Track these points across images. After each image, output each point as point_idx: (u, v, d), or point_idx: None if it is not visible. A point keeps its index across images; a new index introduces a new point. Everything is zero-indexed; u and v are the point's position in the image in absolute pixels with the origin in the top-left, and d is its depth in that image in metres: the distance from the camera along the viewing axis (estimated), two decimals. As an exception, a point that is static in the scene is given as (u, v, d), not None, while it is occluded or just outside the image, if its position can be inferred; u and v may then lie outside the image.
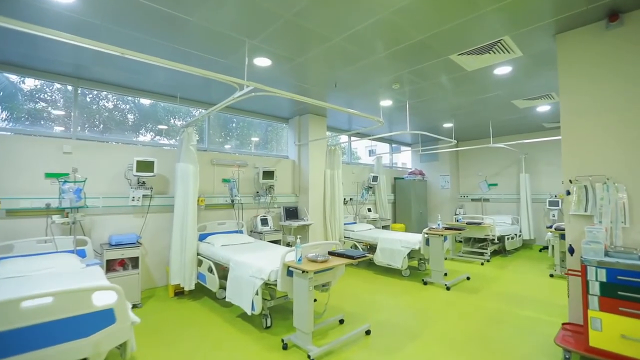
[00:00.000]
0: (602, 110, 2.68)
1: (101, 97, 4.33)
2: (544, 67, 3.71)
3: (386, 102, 5.04)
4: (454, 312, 3.53)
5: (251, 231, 5.15)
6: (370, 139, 7.61)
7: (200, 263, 4.02)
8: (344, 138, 7.40)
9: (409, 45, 3.16)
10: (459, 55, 3.38)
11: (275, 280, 2.85)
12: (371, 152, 10.16)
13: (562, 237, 5.00)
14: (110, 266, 3.65)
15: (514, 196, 7.69)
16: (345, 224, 6.15)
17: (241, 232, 4.86)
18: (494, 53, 3.34)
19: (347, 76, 3.96)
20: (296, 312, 2.70)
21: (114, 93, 4.29)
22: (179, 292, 4.12)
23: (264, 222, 5.11)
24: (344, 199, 6.57)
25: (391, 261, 4.92)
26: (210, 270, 3.78)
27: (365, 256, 2.97)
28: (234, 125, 5.71)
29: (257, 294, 2.95)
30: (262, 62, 3.50)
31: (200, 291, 4.22)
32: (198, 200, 4.50)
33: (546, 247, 7.04)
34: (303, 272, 2.59)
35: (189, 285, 3.91)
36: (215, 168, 4.90)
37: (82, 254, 3.50)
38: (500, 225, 6.84)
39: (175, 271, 3.92)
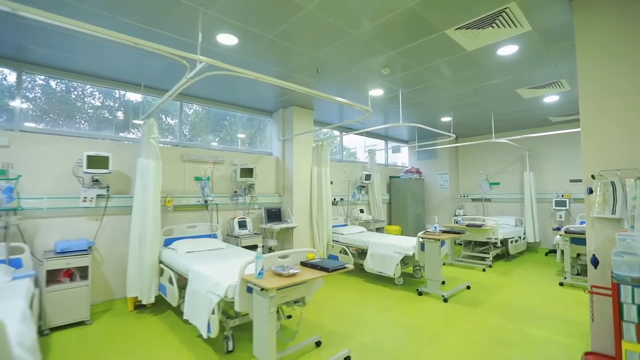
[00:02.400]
0: (631, 89, 2.18)
1: (86, 93, 3.91)
2: (556, 46, 3.20)
3: (377, 92, 4.54)
4: (452, 331, 3.03)
5: (228, 235, 4.65)
6: (357, 134, 7.11)
7: (162, 272, 3.52)
8: (333, 133, 6.89)
9: (398, 16, 2.65)
10: (456, 29, 2.88)
11: (234, 298, 2.34)
12: (371, 152, 9.55)
13: (573, 241, 4.50)
14: (54, 277, 3.15)
15: (517, 196, 7.18)
16: (334, 227, 5.65)
17: (215, 236, 4.36)
18: (498, 27, 2.84)
19: (329, 58, 3.46)
20: (256, 337, 2.20)
21: (64, 79, 3.79)
22: (141, 305, 3.62)
23: (242, 224, 4.61)
24: (334, 199, 6.07)
25: (382, 268, 4.41)
26: (171, 281, 3.28)
27: (344, 267, 2.46)
28: (226, 123, 5.25)
29: (213, 313, 2.45)
30: (227, 39, 3.00)
31: (165, 304, 3.72)
32: (165, 201, 4.02)
33: (553, 251, 6.53)
34: (262, 289, 2.09)
35: (147, 298, 3.40)
36: (186, 165, 4.40)
37: (16, 264, 3.01)
38: (503, 227, 6.33)
39: (132, 282, 3.42)
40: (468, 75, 3.96)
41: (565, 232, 4.52)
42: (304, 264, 2.59)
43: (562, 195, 6.55)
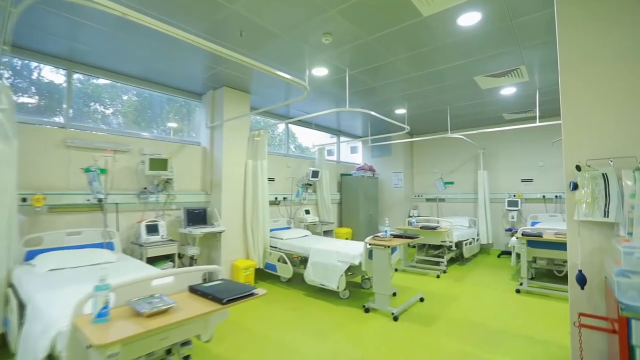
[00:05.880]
0: (627, 53, 1.67)
1: None
2: (524, 18, 2.71)
3: (320, 71, 3.84)
4: (401, 364, 2.39)
5: (132, 242, 3.68)
6: (294, 122, 6.41)
7: (8, 301, 2.49)
8: (279, 122, 6.11)
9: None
10: (410, -21, 2.25)
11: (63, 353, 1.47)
12: (329, 152, 8.71)
13: (530, 244, 4.15)
14: None
15: (471, 196, 6.92)
16: (273, 230, 4.87)
17: (110, 245, 3.37)
18: (460, -19, 2.26)
19: (253, 16, 2.68)
20: (93, 419, 1.35)
21: None
22: (-17, 346, 2.55)
23: (152, 229, 3.66)
24: (275, 198, 5.29)
25: (325, 280, 3.72)
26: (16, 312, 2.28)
27: (250, 295, 1.71)
28: (158, 111, 4.23)
29: (40, 373, 1.55)
30: (96, -34, 2.10)
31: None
32: (32, 199, 2.98)
33: (506, 252, 6.32)
34: (89, 346, 1.25)
35: (-19, 339, 2.37)
36: (72, 152, 3.36)
37: None
38: (458, 228, 5.96)
39: (-42, 316, 2.36)
40: (424, 54, 3.39)
41: (523, 235, 4.16)
42: (194, 289, 1.79)
43: (514, 195, 6.37)
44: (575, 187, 1.73)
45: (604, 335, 1.58)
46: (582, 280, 1.65)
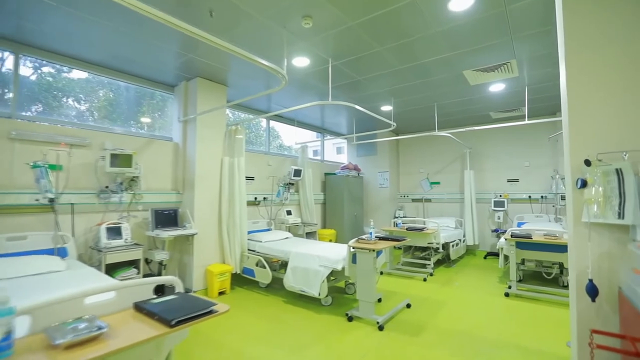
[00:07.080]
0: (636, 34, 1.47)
1: None
2: (519, 3, 2.52)
3: (302, 61, 3.57)
4: (387, 383, 2.15)
5: (91, 247, 3.30)
6: (272, 117, 6.12)
7: None
8: (263, 118, 5.79)
9: None
10: (398, -48, 2.01)
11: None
12: (315, 153, 8.37)
13: (519, 245, 3.99)
14: None
15: (457, 196, 6.79)
16: (252, 232, 4.56)
17: (62, 252, 2.99)
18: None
19: (223, -8, 2.39)
20: None
21: None
22: None
23: (115, 232, 3.30)
24: (255, 198, 4.98)
25: (305, 286, 3.45)
26: None
27: (208, 312, 1.42)
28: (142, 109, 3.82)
29: None
30: None
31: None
32: (-34, 199, 2.57)
33: (492, 254, 6.21)
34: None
35: None
36: (16, 145, 2.97)
37: None
38: (444, 229, 5.81)
39: None
40: (412, 43, 3.17)
41: (511, 236, 4.00)
42: (139, 307, 1.48)
43: (501, 196, 6.27)
44: (583, 184, 1.51)
45: (616, 354, 1.37)
46: (593, 291, 1.43)
